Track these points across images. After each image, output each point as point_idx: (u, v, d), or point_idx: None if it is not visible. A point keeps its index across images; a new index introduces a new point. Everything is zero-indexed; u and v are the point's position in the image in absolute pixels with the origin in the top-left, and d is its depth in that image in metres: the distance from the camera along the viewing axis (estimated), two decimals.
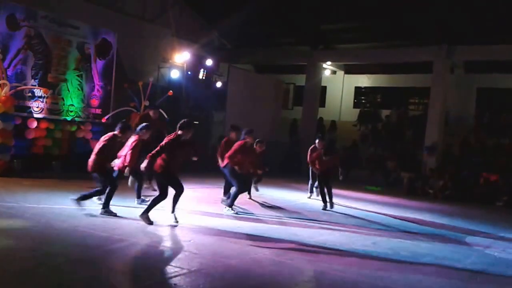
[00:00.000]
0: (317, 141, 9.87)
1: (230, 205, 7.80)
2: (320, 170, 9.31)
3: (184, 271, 4.61)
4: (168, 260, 4.88)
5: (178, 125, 6.51)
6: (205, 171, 11.23)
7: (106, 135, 7.00)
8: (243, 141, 8.18)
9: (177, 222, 6.61)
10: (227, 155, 8.04)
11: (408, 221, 8.89)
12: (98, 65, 11.80)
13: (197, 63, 14.66)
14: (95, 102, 11.80)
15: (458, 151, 15.46)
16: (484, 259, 6.23)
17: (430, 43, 15.43)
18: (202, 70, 14.69)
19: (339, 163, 9.59)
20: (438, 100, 15.61)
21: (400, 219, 8.98)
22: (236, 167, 7.92)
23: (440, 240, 7.25)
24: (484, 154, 14.69)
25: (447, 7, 13.56)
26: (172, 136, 6.46)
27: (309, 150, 9.92)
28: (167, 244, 5.66)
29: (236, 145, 8.05)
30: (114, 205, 7.17)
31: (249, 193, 9.36)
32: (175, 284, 4.13)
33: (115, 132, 6.90)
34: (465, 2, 13.29)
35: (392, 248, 6.30)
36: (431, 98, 15.90)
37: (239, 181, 7.85)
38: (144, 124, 7.44)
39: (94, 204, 7.28)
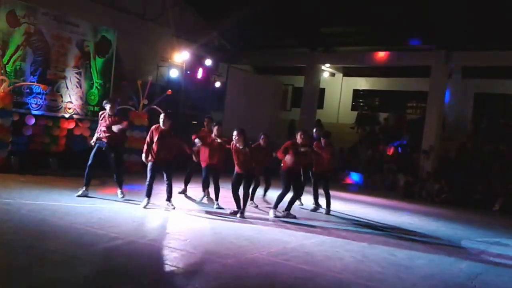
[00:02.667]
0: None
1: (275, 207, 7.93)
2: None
3: (181, 270, 4.61)
4: (164, 259, 4.87)
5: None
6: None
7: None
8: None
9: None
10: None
11: (405, 224, 8.90)
12: (97, 63, 11.78)
13: (196, 63, 14.65)
14: (93, 99, 11.78)
15: (455, 156, 15.52)
16: (480, 264, 6.24)
17: (428, 48, 15.49)
18: (202, 69, 14.69)
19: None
20: (435, 105, 15.67)
21: (397, 222, 8.99)
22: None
23: (436, 243, 7.27)
24: (481, 159, 14.74)
25: (445, 12, 13.61)
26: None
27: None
28: (163, 242, 5.63)
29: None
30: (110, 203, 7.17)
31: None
32: (171, 283, 4.12)
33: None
34: (463, 8, 13.35)
35: (388, 250, 6.32)
36: (428, 102, 15.96)
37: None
38: None
39: (90, 202, 7.29)
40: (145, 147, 7.32)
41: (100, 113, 7.90)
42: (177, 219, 7.11)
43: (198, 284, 4.32)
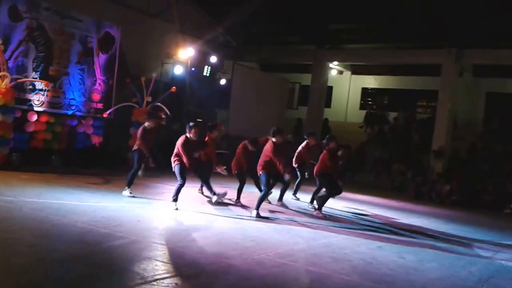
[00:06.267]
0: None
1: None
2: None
3: (185, 270, 4.52)
4: (169, 259, 4.78)
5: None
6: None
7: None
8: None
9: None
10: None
11: (414, 226, 8.75)
12: (100, 59, 11.65)
13: (201, 59, 14.49)
14: (96, 96, 11.65)
15: (466, 156, 15.24)
16: (490, 267, 6.14)
17: (439, 46, 15.23)
18: (207, 66, 14.54)
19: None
20: (446, 104, 15.40)
21: (406, 224, 8.84)
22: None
23: (445, 246, 7.13)
24: (492, 160, 14.44)
25: (456, 10, 13.35)
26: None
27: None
28: (168, 242, 5.53)
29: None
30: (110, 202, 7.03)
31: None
32: (176, 284, 4.02)
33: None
34: (475, 5, 13.08)
35: (397, 253, 6.19)
36: (439, 102, 15.70)
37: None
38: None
39: (94, 200, 7.18)
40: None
41: None
42: (182, 218, 6.98)
43: (204, 285, 4.22)
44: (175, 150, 7.40)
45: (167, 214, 7.03)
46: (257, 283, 4.33)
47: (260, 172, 7.74)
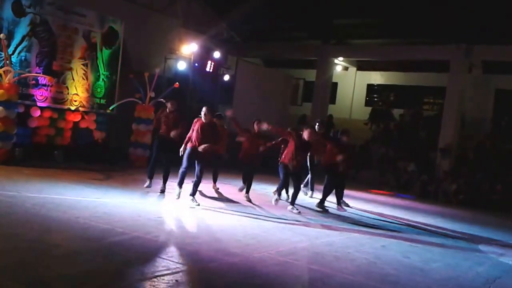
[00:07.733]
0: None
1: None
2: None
3: (187, 267, 4.49)
4: (170, 256, 4.73)
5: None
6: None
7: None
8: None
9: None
10: None
11: (419, 225, 8.64)
12: (104, 54, 11.59)
13: (204, 55, 14.40)
14: (100, 92, 11.60)
15: (473, 155, 15.06)
16: (498, 267, 6.05)
17: (447, 41, 15.02)
18: (209, 62, 14.45)
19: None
20: (454, 101, 15.21)
21: (411, 223, 8.74)
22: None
23: (452, 246, 7.04)
24: (501, 159, 14.25)
25: (466, 4, 13.14)
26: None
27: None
28: (170, 239, 5.48)
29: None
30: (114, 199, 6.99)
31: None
32: (177, 281, 3.98)
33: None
34: (485, 0, 12.88)
35: (402, 252, 6.11)
36: (446, 99, 15.51)
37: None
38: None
39: (95, 195, 7.14)
40: (186, 139, 7.47)
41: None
42: (182, 215, 6.94)
43: (205, 282, 4.18)
44: (190, 133, 7.43)
45: (168, 210, 6.99)
46: (258, 281, 4.28)
47: (279, 164, 7.98)
